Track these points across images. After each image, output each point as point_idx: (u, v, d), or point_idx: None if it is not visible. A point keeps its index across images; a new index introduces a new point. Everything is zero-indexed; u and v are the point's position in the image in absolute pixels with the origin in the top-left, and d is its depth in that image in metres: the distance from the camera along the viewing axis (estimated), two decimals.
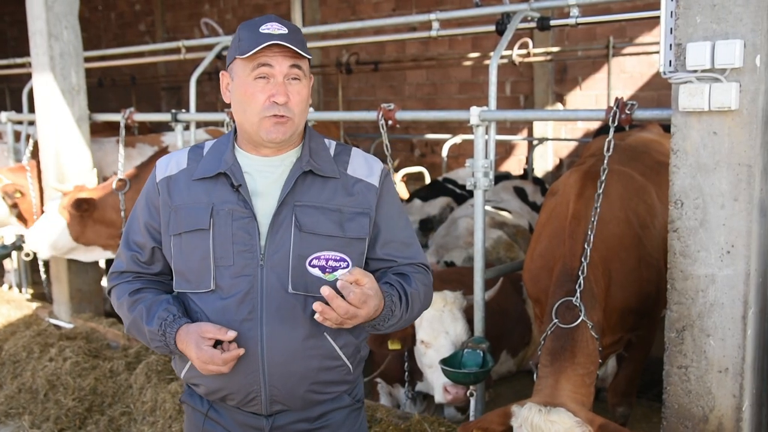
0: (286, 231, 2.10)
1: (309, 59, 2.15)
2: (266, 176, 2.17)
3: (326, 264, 2.10)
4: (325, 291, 1.93)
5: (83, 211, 5.37)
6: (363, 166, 2.23)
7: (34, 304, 6.41)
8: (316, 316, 1.96)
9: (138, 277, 2.27)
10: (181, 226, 2.15)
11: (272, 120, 2.09)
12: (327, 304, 1.94)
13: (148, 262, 2.25)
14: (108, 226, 5.53)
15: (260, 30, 2.06)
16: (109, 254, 5.69)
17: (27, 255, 6.25)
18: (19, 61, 7.62)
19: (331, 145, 2.26)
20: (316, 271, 2.10)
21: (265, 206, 2.13)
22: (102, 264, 6.27)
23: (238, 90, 2.13)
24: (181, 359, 2.23)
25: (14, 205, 6.15)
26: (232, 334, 2.03)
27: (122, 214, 5.44)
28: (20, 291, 6.91)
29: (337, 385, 2.23)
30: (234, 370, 2.09)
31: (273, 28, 2.07)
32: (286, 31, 2.07)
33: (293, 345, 2.11)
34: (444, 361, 3.54)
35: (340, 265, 2.11)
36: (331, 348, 2.16)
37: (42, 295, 6.79)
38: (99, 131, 6.75)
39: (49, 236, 5.37)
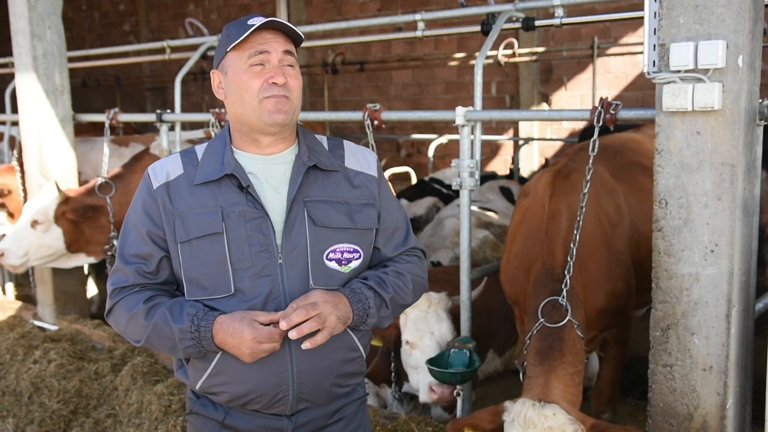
0: (301, 227, 2.12)
1: (297, 51, 2.19)
2: (269, 175, 2.17)
3: (342, 257, 2.16)
4: (292, 334, 2.00)
5: (87, 218, 5.27)
6: (359, 157, 2.29)
7: (18, 306, 6.35)
8: (305, 345, 2.02)
9: (145, 287, 2.16)
10: (191, 233, 2.10)
11: (272, 100, 2.10)
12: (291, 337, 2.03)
13: (154, 272, 2.16)
14: (100, 231, 5.41)
15: (248, 22, 2.10)
16: (92, 260, 5.62)
17: None
18: (1, 61, 7.56)
19: (323, 140, 2.30)
20: (333, 264, 2.15)
21: (273, 205, 2.14)
22: (85, 266, 6.22)
23: (233, 81, 2.14)
24: (195, 369, 2.17)
25: (2, 205, 6.08)
26: (280, 313, 2.03)
27: (111, 217, 5.36)
28: (3, 293, 6.86)
29: (354, 377, 2.28)
30: (263, 372, 2.09)
31: (259, 19, 2.10)
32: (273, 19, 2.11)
33: None
34: (431, 361, 3.54)
35: (354, 257, 2.18)
36: (351, 339, 2.21)
37: (27, 296, 6.74)
38: (83, 132, 6.70)
39: (38, 246, 5.18)
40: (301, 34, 2.16)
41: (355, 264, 2.18)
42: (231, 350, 2.05)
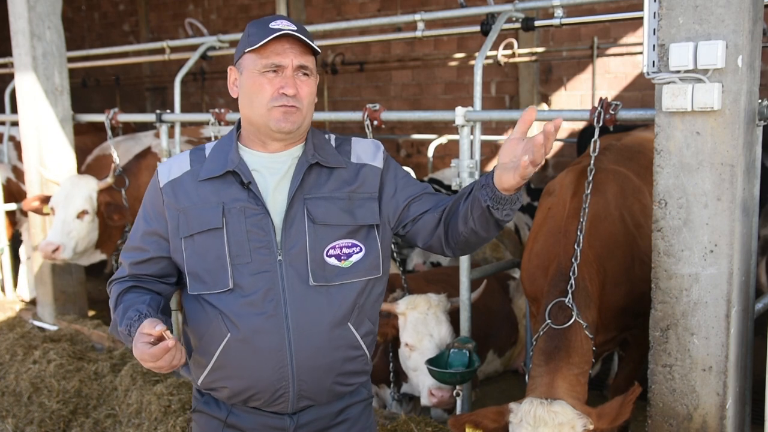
0: (300, 225, 2.14)
1: (316, 57, 2.19)
2: (274, 172, 2.20)
3: (341, 252, 2.17)
4: (549, 127, 1.83)
5: (112, 210, 5.21)
6: (366, 150, 2.30)
7: (18, 306, 6.35)
8: (526, 160, 1.84)
9: (135, 277, 2.25)
10: (192, 228, 2.15)
11: (281, 109, 2.12)
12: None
13: (146, 265, 2.25)
14: (117, 223, 5.34)
15: (270, 26, 2.11)
16: (103, 256, 5.59)
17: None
18: (0, 61, 7.55)
19: (331, 137, 2.32)
20: (333, 261, 2.16)
21: (276, 202, 2.16)
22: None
23: (246, 83, 2.16)
24: (197, 365, 2.21)
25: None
26: (159, 329, 1.91)
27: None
28: (3, 293, 6.85)
29: (357, 375, 2.27)
30: (262, 367, 2.10)
31: (283, 24, 2.12)
32: (296, 28, 2.12)
33: (320, 337, 2.14)
34: (430, 361, 3.54)
35: (354, 251, 2.18)
36: (353, 337, 2.20)
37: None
38: (83, 132, 6.69)
39: (83, 239, 5.11)
40: (318, 49, 2.16)
41: (355, 258, 2.18)
42: None
